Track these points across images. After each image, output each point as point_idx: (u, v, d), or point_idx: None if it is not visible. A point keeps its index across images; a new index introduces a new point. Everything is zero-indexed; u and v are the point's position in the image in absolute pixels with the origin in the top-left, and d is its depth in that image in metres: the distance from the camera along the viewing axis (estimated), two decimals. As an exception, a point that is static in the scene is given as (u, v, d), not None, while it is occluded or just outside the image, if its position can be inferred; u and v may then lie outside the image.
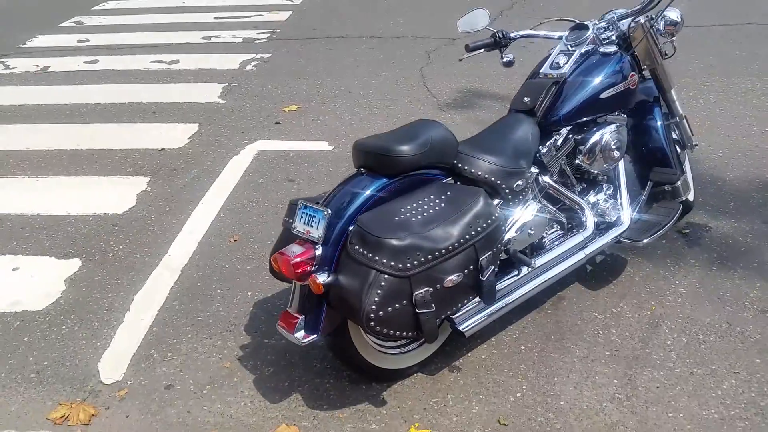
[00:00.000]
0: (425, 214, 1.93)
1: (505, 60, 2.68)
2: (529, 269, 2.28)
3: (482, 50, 2.66)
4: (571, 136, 2.48)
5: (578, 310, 2.61)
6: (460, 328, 2.12)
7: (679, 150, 2.99)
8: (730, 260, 2.85)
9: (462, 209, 1.96)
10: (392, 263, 1.81)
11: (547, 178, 2.47)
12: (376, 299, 1.79)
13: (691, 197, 3.12)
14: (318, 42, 6.35)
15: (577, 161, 2.52)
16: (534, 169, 2.38)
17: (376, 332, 1.84)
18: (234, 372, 2.38)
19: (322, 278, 1.89)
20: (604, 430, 2.07)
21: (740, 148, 3.81)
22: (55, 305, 2.77)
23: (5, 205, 3.54)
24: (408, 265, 1.82)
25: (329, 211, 1.91)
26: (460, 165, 2.17)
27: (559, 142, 2.44)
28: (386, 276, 1.80)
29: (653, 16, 2.63)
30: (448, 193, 2.01)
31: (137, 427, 2.15)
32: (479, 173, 2.18)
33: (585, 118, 2.47)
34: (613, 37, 2.60)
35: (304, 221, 1.97)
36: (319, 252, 1.93)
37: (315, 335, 1.97)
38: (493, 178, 2.19)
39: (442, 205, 1.97)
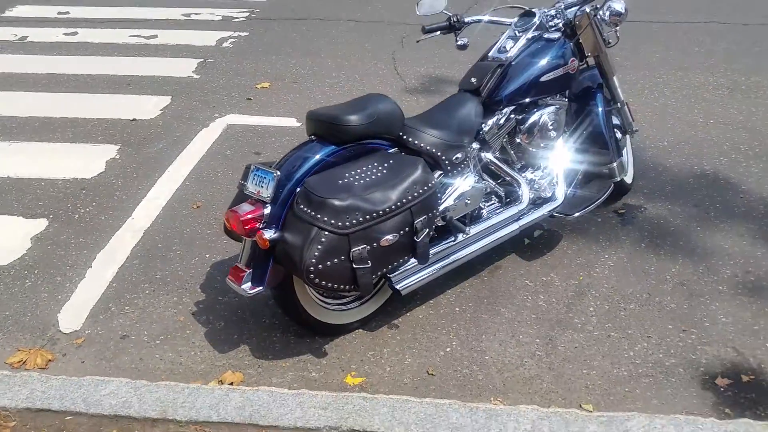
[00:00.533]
0: (367, 179, 2.10)
1: (459, 43, 2.83)
2: (464, 236, 2.46)
3: (438, 33, 2.81)
4: (513, 116, 2.66)
5: (512, 278, 2.80)
6: (397, 286, 2.31)
7: (619, 135, 3.18)
8: (659, 238, 3.06)
9: (401, 176, 2.13)
10: (333, 221, 1.98)
11: (488, 154, 2.65)
12: (316, 254, 1.96)
13: (628, 179, 3.33)
14: (295, 23, 6.47)
15: (517, 139, 2.70)
16: (476, 145, 2.56)
17: (316, 284, 2.01)
18: (187, 325, 2.54)
19: (269, 234, 2.05)
20: (522, 382, 2.27)
21: (684, 137, 4.02)
22: (20, 261, 2.90)
23: (-23, 168, 3.66)
24: (347, 223, 1.99)
25: (278, 173, 2.08)
26: (405, 137, 2.34)
27: (501, 121, 2.61)
28: (327, 233, 1.97)
29: (597, 6, 2.81)
30: (390, 162, 2.19)
31: (92, 371, 2.30)
32: (422, 145, 2.35)
33: (526, 100, 2.64)
34: (560, 24, 2.78)
35: (256, 182, 2.13)
36: (267, 211, 2.09)
37: (260, 287, 2.14)
38: (434, 150, 2.37)
39: (384, 171, 2.15)
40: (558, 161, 2.85)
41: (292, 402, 2.03)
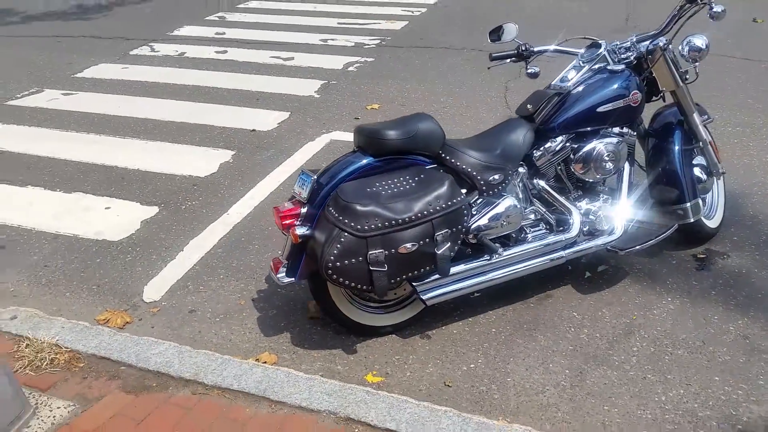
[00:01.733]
0: (395, 190, 2.26)
1: (529, 71, 2.88)
2: (497, 256, 2.50)
3: (507, 60, 2.89)
4: (568, 144, 2.67)
5: (560, 308, 2.77)
6: (423, 297, 2.42)
7: (704, 176, 3.03)
8: (733, 288, 2.85)
9: (427, 189, 2.26)
10: (353, 224, 2.15)
11: (540, 181, 2.68)
12: (335, 252, 2.15)
13: (713, 224, 3.14)
14: (420, 50, 6.75)
15: (571, 168, 2.69)
16: (522, 170, 2.60)
17: (334, 280, 2.19)
18: (245, 309, 2.83)
19: (300, 231, 2.27)
20: (537, 408, 2.26)
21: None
22: (128, 239, 3.39)
23: (117, 160, 4.29)
24: (366, 227, 2.16)
25: (315, 178, 2.30)
26: (444, 155, 2.46)
27: (553, 148, 2.64)
28: (346, 234, 2.15)
29: (670, 40, 2.74)
30: (422, 176, 2.32)
31: (157, 335, 2.64)
32: (458, 164, 2.45)
33: (581, 129, 2.64)
34: (632, 58, 2.75)
35: (299, 185, 2.37)
36: (304, 210, 2.32)
37: (293, 278, 2.37)
38: (469, 170, 2.46)
39: (413, 184, 2.29)
40: (622, 195, 2.79)
41: (303, 384, 2.21)
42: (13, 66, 6.52)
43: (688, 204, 2.85)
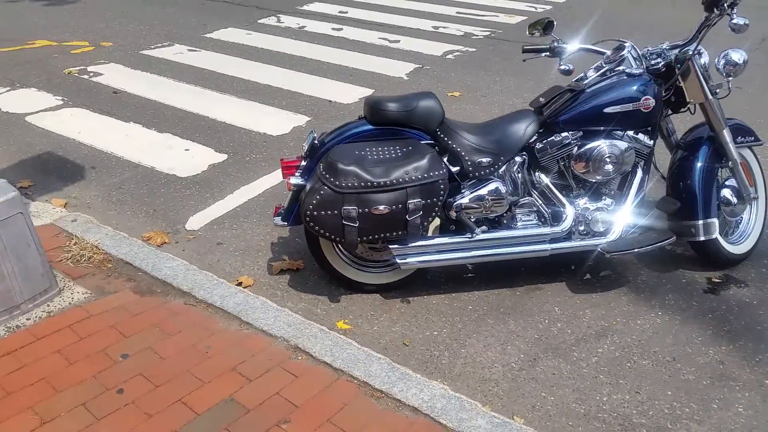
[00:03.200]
0: (381, 156, 2.48)
1: (562, 68, 2.95)
2: (476, 236, 2.64)
3: (539, 54, 2.97)
4: (574, 141, 2.72)
5: (543, 301, 2.84)
6: (398, 260, 2.62)
7: (734, 199, 2.93)
8: (733, 317, 2.75)
9: (408, 160, 2.46)
10: (332, 179, 2.41)
11: (543, 174, 2.76)
12: (314, 202, 2.42)
13: (739, 250, 3.02)
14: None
15: (571, 165, 2.74)
16: (519, 158, 2.70)
17: (311, 227, 2.47)
18: (262, 249, 3.19)
19: (294, 180, 2.57)
20: (477, 380, 2.40)
21: None
22: (193, 177, 3.88)
23: (210, 111, 4.85)
24: (344, 184, 2.41)
25: (315, 135, 2.58)
26: (440, 133, 2.63)
27: (556, 142, 2.70)
28: (326, 188, 2.42)
29: (700, 50, 2.68)
30: (409, 148, 2.52)
31: (184, 256, 3.07)
32: (450, 143, 2.61)
33: (587, 128, 2.68)
34: (661, 65, 2.73)
35: (305, 142, 2.66)
36: (303, 163, 2.61)
37: (286, 222, 2.67)
38: (459, 149, 2.61)
39: (398, 154, 2.49)
40: (627, 200, 2.79)
41: (271, 313, 2.52)
42: (159, 22, 7.41)
43: (700, 222, 2.79)
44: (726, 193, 2.97)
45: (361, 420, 2.06)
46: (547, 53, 2.94)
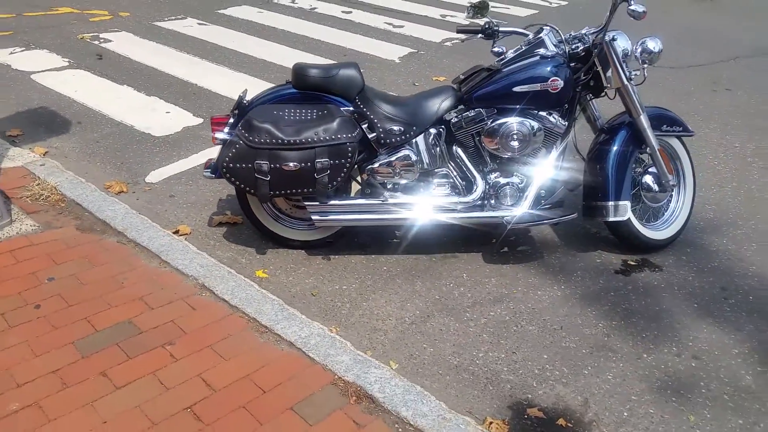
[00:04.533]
0: (297, 117, 2.68)
1: (495, 50, 3.09)
2: (385, 200, 2.82)
3: (474, 36, 3.11)
4: (487, 118, 2.85)
5: (454, 268, 3.00)
6: (313, 217, 2.82)
7: (655, 186, 3.03)
8: (636, 297, 2.86)
9: (319, 122, 2.65)
10: (247, 135, 2.62)
11: (459, 148, 2.91)
12: (230, 155, 2.64)
13: (661, 236, 3.11)
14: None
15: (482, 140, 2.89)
16: (433, 130, 2.86)
17: (227, 178, 2.69)
18: (209, 202, 3.43)
19: (219, 135, 2.79)
20: (367, 329, 2.58)
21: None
22: (166, 137, 4.16)
23: (201, 80, 5.12)
24: (257, 140, 2.62)
25: (241, 95, 2.79)
26: (358, 102, 2.81)
27: (468, 117, 2.84)
28: (241, 142, 2.63)
29: (614, 36, 2.80)
30: (324, 111, 2.71)
31: (137, 206, 3.33)
32: (366, 111, 2.79)
33: (497, 105, 2.82)
34: (580, 49, 2.86)
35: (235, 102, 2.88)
36: (231, 120, 2.83)
37: (214, 175, 2.89)
38: (373, 117, 2.78)
39: (313, 116, 2.69)
40: (533, 179, 2.91)
41: (190, 255, 2.77)
42: (177, -4, 7.75)
43: (610, 203, 2.90)
44: (648, 179, 3.07)
45: (239, 349, 2.28)
46: (481, 35, 3.07)
